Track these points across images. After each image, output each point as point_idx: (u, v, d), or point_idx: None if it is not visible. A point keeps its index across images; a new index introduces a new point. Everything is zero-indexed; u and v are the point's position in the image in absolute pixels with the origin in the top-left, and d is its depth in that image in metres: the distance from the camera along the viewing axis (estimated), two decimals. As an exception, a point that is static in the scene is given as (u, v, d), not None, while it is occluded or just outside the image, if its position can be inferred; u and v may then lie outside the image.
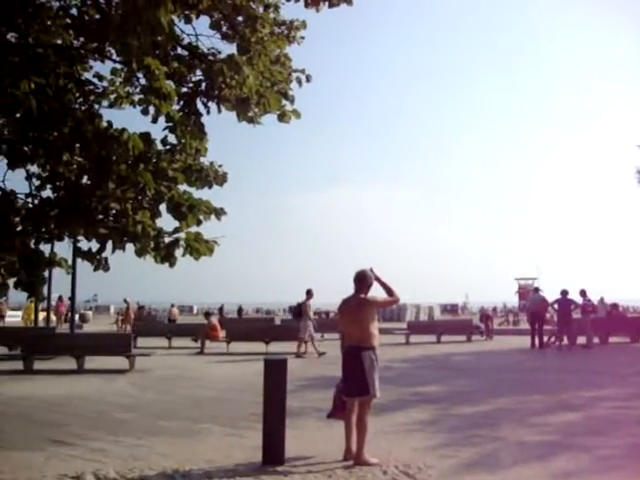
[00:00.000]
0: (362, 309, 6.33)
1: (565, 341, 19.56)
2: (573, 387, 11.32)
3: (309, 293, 18.74)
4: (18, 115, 5.95)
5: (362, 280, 6.42)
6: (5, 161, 6.07)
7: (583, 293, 20.59)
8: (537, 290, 22.86)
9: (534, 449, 6.66)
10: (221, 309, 52.82)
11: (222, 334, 20.88)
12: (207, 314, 24.04)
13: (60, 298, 33.95)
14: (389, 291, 6.50)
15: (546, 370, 14.31)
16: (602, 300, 23.63)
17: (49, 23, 6.64)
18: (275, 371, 6.29)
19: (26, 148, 6.12)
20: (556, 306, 19.97)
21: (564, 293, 19.74)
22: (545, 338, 20.15)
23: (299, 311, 18.96)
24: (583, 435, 7.27)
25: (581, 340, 19.77)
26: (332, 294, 16.29)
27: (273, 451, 6.13)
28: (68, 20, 6.62)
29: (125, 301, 32.67)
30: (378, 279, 6.48)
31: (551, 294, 21.05)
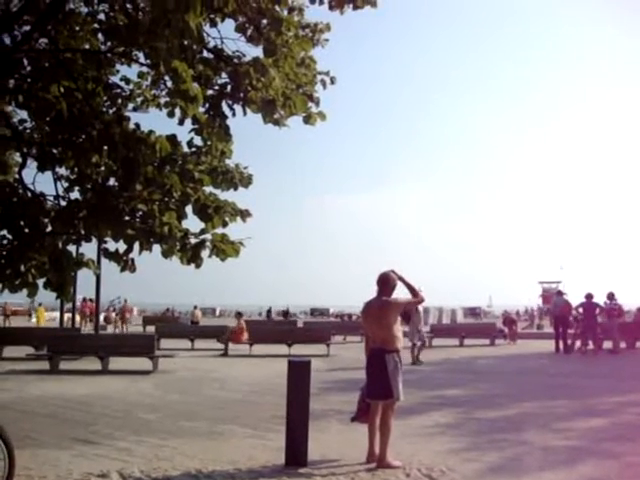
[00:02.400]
0: (385, 311, 6.31)
1: (590, 345, 19.30)
2: (599, 392, 11.17)
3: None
4: (48, 118, 6.07)
5: (385, 282, 6.40)
6: (35, 163, 6.19)
7: (611, 296, 20.28)
8: (561, 293, 22.58)
9: (559, 454, 6.58)
10: (269, 311, 53.11)
11: (245, 337, 20.92)
12: (239, 314, 23.77)
13: (84, 300, 34.55)
14: (413, 291, 6.47)
15: (571, 375, 14.13)
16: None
17: (77, 28, 6.76)
18: (299, 373, 6.30)
19: (55, 150, 6.22)
20: (580, 310, 19.72)
21: (589, 296, 19.48)
22: (569, 342, 19.91)
23: (407, 315, 17.20)
24: (610, 441, 7.16)
25: (607, 345, 19.49)
26: (355, 296, 16.25)
27: (296, 453, 6.14)
28: (96, 25, 6.73)
29: (125, 300, 34.63)
30: (402, 279, 6.45)
31: (576, 297, 20.80)
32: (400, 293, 6.51)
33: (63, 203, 6.30)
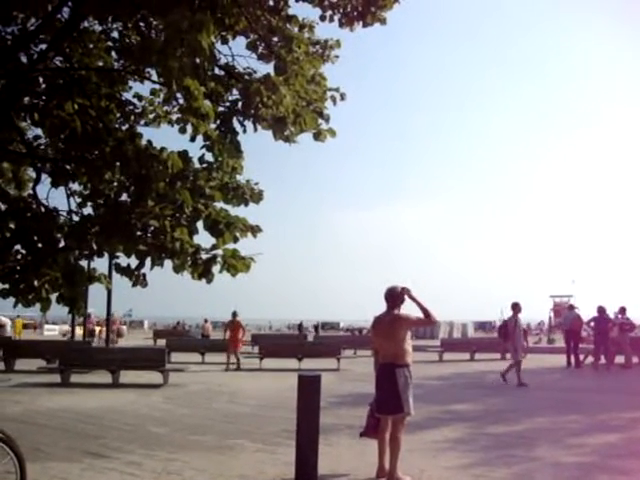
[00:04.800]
0: (395, 326, 6.31)
1: (602, 360, 19.14)
2: (611, 408, 11.08)
3: (516, 307, 15.39)
4: (63, 135, 6.17)
5: (394, 296, 6.39)
6: (49, 179, 6.29)
7: (622, 310, 20.14)
8: (572, 307, 22.47)
9: (571, 470, 6.54)
10: (300, 326, 53.06)
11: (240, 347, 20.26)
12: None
13: (88, 315, 34.87)
14: (426, 313, 6.35)
15: (583, 390, 14.02)
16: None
17: (91, 46, 6.88)
18: (309, 387, 6.30)
19: (69, 167, 6.32)
20: (592, 324, 19.58)
21: (601, 310, 19.35)
22: (581, 357, 19.76)
23: (505, 330, 15.76)
24: (622, 457, 7.10)
25: (619, 359, 19.33)
26: (367, 310, 16.19)
27: (306, 468, 6.13)
28: (110, 43, 6.85)
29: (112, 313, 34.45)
30: (414, 299, 6.39)
31: (587, 311, 20.67)
32: (410, 308, 6.49)
33: (76, 218, 6.38)
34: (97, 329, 34.75)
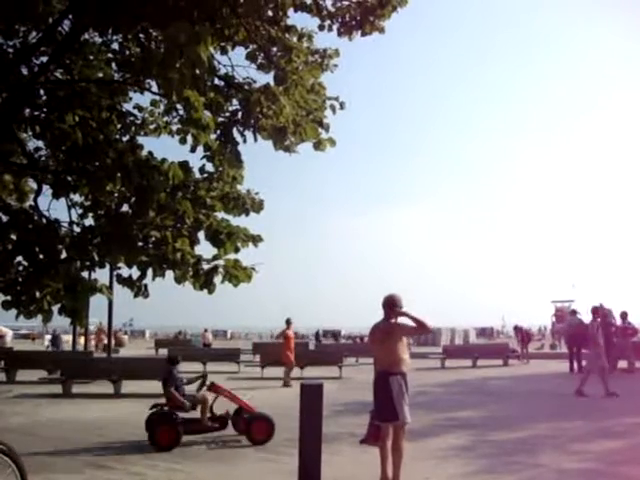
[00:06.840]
0: (391, 334, 6.30)
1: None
2: (615, 413, 11.05)
3: (597, 312, 14.33)
4: (64, 147, 6.20)
5: (390, 305, 6.39)
6: (50, 191, 6.31)
7: (624, 315, 20.09)
8: (574, 313, 22.40)
9: (574, 477, 6.52)
10: (317, 334, 52.91)
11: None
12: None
13: (98, 330, 35.03)
14: (418, 322, 6.28)
15: (586, 395, 13.96)
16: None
17: (92, 58, 6.93)
18: (311, 396, 6.29)
19: (70, 178, 6.34)
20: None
21: (603, 315, 19.27)
22: (584, 362, 19.68)
23: (584, 336, 14.79)
24: (626, 463, 7.08)
25: (622, 364, 19.28)
26: (368, 317, 16.03)
27: (309, 476, 6.11)
28: (110, 55, 6.89)
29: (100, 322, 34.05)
30: (406, 315, 6.34)
31: (588, 316, 20.59)
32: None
33: (77, 230, 6.40)
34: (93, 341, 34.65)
